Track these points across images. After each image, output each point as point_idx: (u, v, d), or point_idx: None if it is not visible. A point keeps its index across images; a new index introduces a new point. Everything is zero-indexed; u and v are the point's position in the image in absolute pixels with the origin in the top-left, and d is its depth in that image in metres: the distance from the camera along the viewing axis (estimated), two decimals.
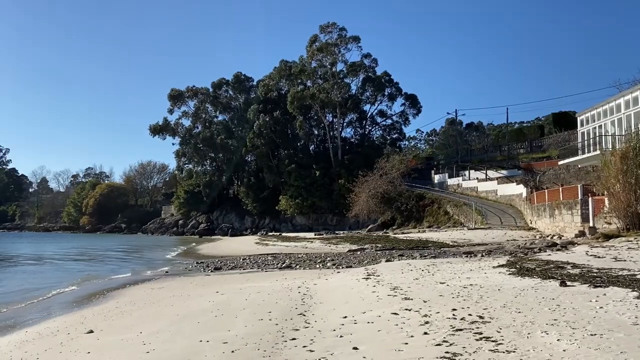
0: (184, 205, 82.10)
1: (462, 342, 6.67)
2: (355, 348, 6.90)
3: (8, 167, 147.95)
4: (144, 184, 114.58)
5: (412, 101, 70.70)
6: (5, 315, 13.63)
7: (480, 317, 8.07)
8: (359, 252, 29.52)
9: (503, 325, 7.39)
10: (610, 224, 26.21)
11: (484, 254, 23.32)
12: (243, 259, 28.53)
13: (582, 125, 38.81)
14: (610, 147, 31.71)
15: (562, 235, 30.03)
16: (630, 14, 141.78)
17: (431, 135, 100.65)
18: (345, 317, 9.14)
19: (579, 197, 30.35)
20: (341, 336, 7.70)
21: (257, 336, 8.20)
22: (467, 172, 55.71)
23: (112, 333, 9.73)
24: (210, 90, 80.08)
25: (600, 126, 35.94)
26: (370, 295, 11.40)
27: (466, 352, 6.20)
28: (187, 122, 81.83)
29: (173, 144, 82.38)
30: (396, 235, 41.17)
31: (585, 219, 29.21)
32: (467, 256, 22.63)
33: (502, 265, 14.86)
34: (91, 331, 9.98)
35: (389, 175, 54.18)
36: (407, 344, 6.88)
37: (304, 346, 7.30)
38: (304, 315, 9.78)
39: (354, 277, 15.25)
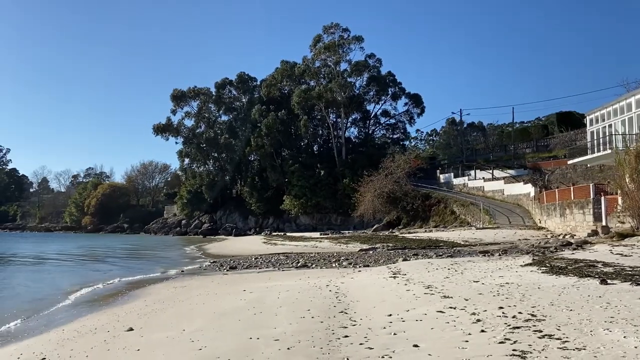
0: (187, 205, 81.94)
1: (525, 339, 6.62)
2: (415, 345, 6.85)
3: (8, 167, 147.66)
4: (145, 184, 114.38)
5: (416, 101, 70.81)
6: (36, 313, 13.52)
7: (532, 315, 8.03)
8: (371, 252, 29.46)
9: (560, 323, 7.34)
10: (623, 222, 26.22)
11: (500, 253, 23.28)
12: (255, 258, 28.43)
13: (591, 124, 38.73)
14: (621, 146, 31.67)
15: (574, 235, 30.01)
16: (629, 14, 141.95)
17: (431, 135, 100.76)
18: (390, 314, 9.08)
19: (591, 196, 30.35)
20: (395, 334, 7.65)
21: (306, 333, 8.14)
22: (472, 172, 55.68)
23: (153, 330, 9.65)
24: (214, 90, 79.93)
25: (610, 125, 35.87)
26: (406, 293, 11.34)
27: (534, 349, 6.15)
28: (189, 123, 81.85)
29: (176, 143, 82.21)
30: (404, 235, 41.08)
31: (597, 218, 29.22)
32: (483, 255, 22.58)
33: (530, 264, 14.82)
34: (131, 329, 9.90)
35: (394, 175, 54.12)
36: (467, 341, 6.83)
37: (361, 343, 7.24)
38: (346, 313, 9.72)
39: (380, 276, 15.19)
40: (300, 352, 7.08)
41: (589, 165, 39.83)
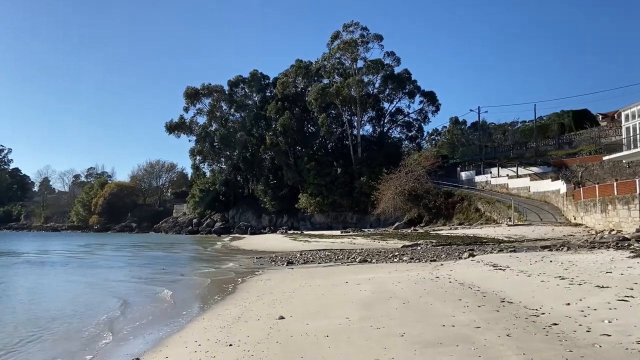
0: (199, 204, 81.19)
1: None
2: None
3: (10, 167, 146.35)
4: (152, 183, 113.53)
5: (431, 98, 70.43)
6: (142, 305, 13.09)
7: None
8: (419, 248, 29.00)
9: None
10: None
11: (566, 248, 22.84)
12: (300, 254, 27.99)
13: (626, 120, 38.59)
14: None
15: (619, 230, 29.71)
16: (629, 14, 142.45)
17: (433, 135, 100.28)
18: (568, 304, 8.72)
19: (637, 192, 30.01)
20: (609, 321, 7.31)
21: (501, 322, 7.76)
22: (495, 170, 55.40)
23: (307, 319, 9.16)
24: (226, 88, 79.34)
25: None
26: (544, 284, 11.02)
27: None
28: (201, 120, 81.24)
29: (190, 141, 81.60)
30: (437, 232, 40.65)
31: None
32: (549, 250, 22.16)
33: (637, 256, 14.50)
34: (282, 317, 9.48)
35: (414, 173, 53.78)
36: None
37: (587, 331, 6.88)
38: (511, 303, 9.34)
39: (480, 269, 14.85)
40: (531, 339, 6.69)
41: (624, 162, 39.58)
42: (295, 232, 62.32)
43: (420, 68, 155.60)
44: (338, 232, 52.54)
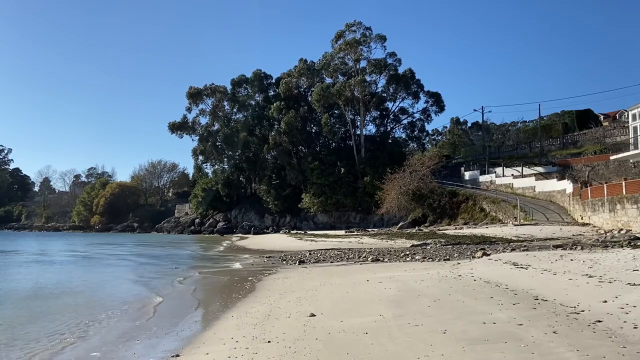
0: (201, 204, 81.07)
1: None
2: None
3: (11, 167, 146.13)
4: (153, 183, 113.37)
5: (436, 99, 70.34)
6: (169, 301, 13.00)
7: None
8: (428, 247, 28.92)
9: None
10: None
11: (575, 247, 22.74)
12: (310, 254, 27.87)
13: (633, 119, 38.55)
14: None
15: (629, 230, 29.65)
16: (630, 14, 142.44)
17: (434, 134, 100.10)
18: (605, 301, 8.66)
19: None
20: None
21: (543, 319, 7.69)
22: (499, 169, 55.35)
23: (338, 316, 9.06)
24: (229, 87, 79.15)
25: None
26: (573, 282, 10.94)
27: None
28: (204, 120, 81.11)
29: (192, 140, 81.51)
30: (444, 231, 40.59)
31: None
32: (563, 249, 22.01)
33: None
34: (312, 314, 9.40)
35: (419, 172, 53.71)
36: None
37: (635, 327, 6.78)
38: (545, 300, 9.27)
39: (501, 267, 14.76)
40: (580, 336, 6.62)
41: (630, 161, 39.56)
42: (299, 231, 62.24)
43: (421, 67, 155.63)
44: (342, 232, 52.50)
